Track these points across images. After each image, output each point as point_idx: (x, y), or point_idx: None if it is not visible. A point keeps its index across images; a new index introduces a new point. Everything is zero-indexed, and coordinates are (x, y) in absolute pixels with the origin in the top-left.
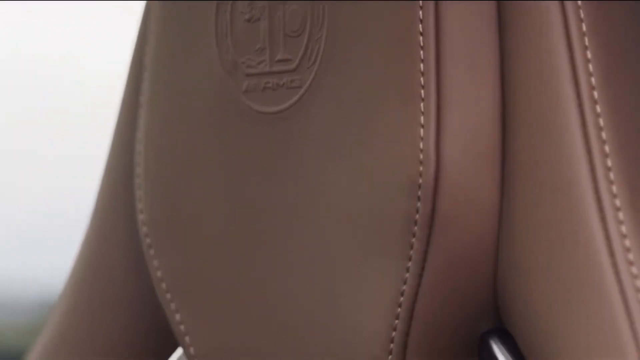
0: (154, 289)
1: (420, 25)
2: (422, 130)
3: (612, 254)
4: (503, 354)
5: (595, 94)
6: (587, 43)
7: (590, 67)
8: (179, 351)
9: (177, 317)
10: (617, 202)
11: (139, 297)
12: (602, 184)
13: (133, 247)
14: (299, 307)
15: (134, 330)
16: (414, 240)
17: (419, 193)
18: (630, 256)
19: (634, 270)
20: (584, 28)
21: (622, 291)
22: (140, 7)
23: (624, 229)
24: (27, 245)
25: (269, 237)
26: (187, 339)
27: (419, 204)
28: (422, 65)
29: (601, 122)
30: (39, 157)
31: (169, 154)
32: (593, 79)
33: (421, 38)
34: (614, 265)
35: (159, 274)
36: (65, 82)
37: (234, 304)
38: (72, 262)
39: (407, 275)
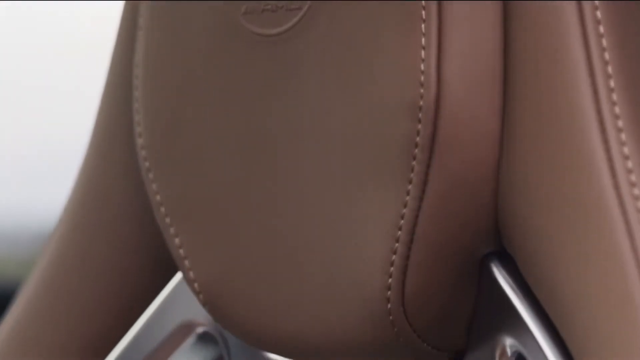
0: (153, 213)
1: None
2: (423, 52)
3: (614, 175)
4: (503, 276)
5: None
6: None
7: None
8: (178, 275)
9: (176, 241)
10: (620, 124)
11: (138, 221)
12: (605, 106)
13: (132, 171)
14: (299, 231)
15: (132, 254)
16: (414, 163)
17: (420, 115)
18: (633, 177)
19: (636, 191)
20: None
21: (624, 213)
22: None
23: (626, 150)
24: (27, 177)
25: (268, 160)
26: (186, 262)
27: (419, 127)
28: None
29: (604, 42)
30: (37, 89)
31: (167, 78)
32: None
33: None
34: (616, 187)
35: (157, 197)
36: (61, 15)
37: (234, 227)
38: (71, 188)
39: (408, 198)
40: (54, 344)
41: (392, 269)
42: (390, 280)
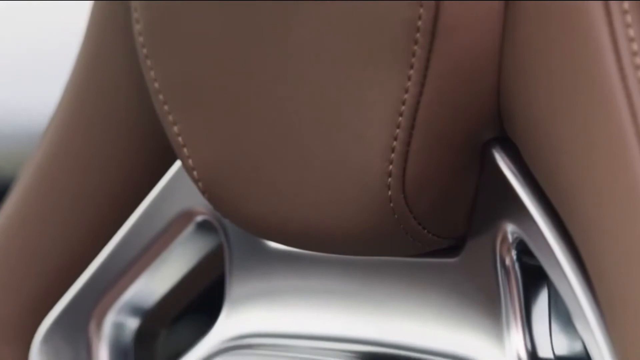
0: (152, 102)
1: None
2: None
3: (618, 59)
4: (505, 163)
5: None
6: None
7: None
8: (177, 164)
9: (175, 129)
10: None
11: (136, 110)
12: None
13: (130, 60)
14: (300, 115)
15: (129, 143)
16: (416, 47)
17: None
18: (635, 46)
19: (638, 60)
20: None
21: (626, 87)
22: None
23: (629, 18)
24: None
25: (268, 43)
26: (185, 150)
27: (421, 10)
28: None
29: None
30: None
31: None
32: None
33: None
34: (618, 60)
35: (156, 85)
36: None
37: (233, 113)
38: (67, 80)
39: (409, 83)
40: (51, 233)
41: (392, 155)
42: (390, 167)
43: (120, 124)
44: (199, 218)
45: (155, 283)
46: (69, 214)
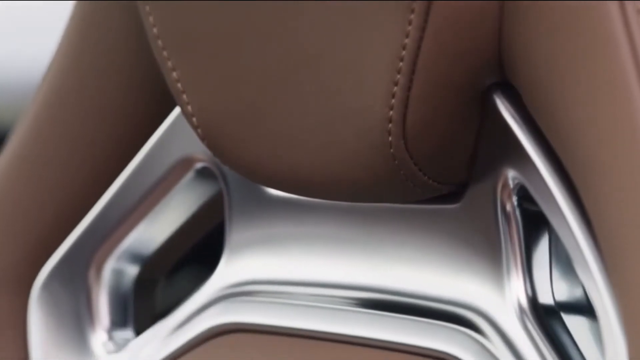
0: (151, 47)
1: None
2: None
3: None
4: (507, 108)
5: None
6: None
7: None
8: (177, 110)
9: (174, 75)
10: None
11: (135, 56)
12: None
13: (129, 6)
14: (299, 61)
15: (129, 90)
16: None
17: None
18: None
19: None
20: None
21: (627, 27)
22: None
23: None
24: (20, 25)
25: None
26: (184, 97)
27: None
28: None
29: None
30: None
31: None
32: None
33: None
34: (622, 11)
35: (155, 30)
36: None
37: (233, 58)
38: (64, 26)
39: (410, 28)
40: (49, 180)
41: (393, 101)
42: (391, 112)
43: (119, 70)
44: (199, 165)
45: (154, 230)
46: (67, 161)
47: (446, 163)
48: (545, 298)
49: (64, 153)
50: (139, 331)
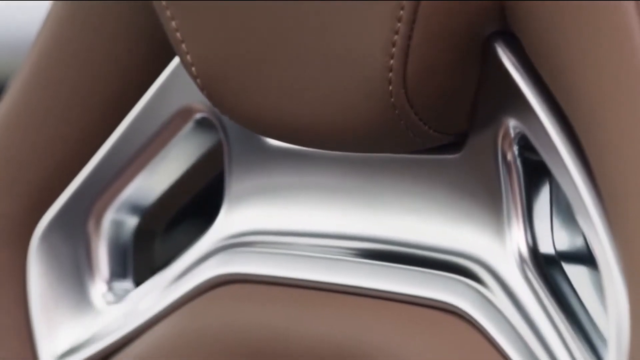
0: None
1: None
2: None
3: None
4: (508, 57)
5: None
6: None
7: None
8: (176, 61)
9: (173, 24)
10: None
11: (134, 5)
12: None
13: None
14: (299, 9)
15: (128, 39)
16: None
17: None
18: None
19: None
20: None
21: None
22: None
23: None
24: None
25: None
26: (183, 46)
27: None
28: None
29: None
30: None
31: None
32: None
33: None
34: None
35: None
36: None
37: (232, 7)
38: None
39: None
40: (49, 130)
41: (394, 49)
42: (391, 61)
43: (118, 20)
44: (198, 115)
45: (154, 181)
46: (66, 110)
47: (447, 112)
48: (546, 247)
49: (62, 103)
50: (138, 282)
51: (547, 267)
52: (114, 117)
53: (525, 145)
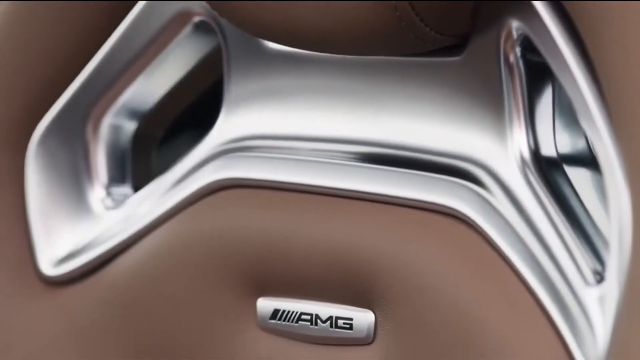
0: None
1: None
2: None
3: None
4: None
5: None
6: None
7: None
8: None
9: None
10: None
11: None
12: None
13: None
14: None
15: None
16: None
17: None
18: None
19: None
20: None
21: None
22: None
23: None
24: None
25: None
26: None
27: None
28: None
29: None
30: None
31: None
32: None
33: None
34: None
35: None
36: None
37: None
38: None
39: None
40: (45, 31)
41: None
42: None
43: None
44: (196, 19)
45: (152, 85)
46: (62, 14)
47: (448, 13)
48: (547, 150)
49: (57, 7)
50: (137, 187)
51: (548, 170)
52: (111, 20)
53: (527, 46)
